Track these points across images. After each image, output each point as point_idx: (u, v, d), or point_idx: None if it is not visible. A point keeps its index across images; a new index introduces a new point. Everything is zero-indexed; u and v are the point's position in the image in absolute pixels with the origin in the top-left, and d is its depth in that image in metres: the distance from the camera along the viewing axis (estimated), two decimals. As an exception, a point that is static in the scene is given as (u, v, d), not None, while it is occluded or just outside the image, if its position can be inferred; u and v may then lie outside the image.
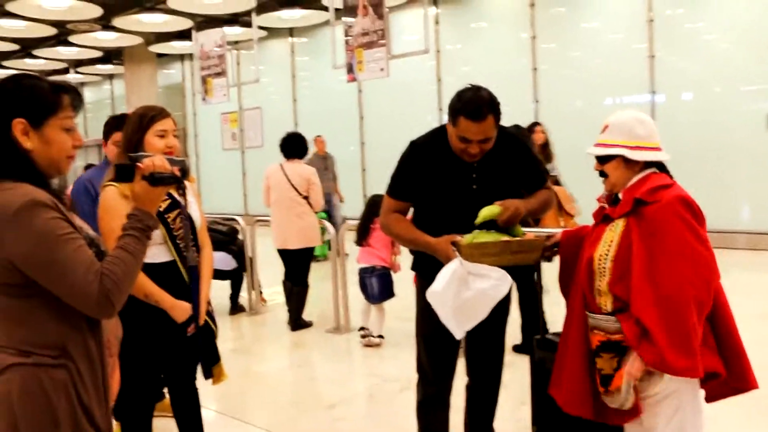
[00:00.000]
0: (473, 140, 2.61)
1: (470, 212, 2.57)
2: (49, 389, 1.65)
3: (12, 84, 1.72)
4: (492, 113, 2.59)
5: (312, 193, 5.91)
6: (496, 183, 2.76)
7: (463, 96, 2.62)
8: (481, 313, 2.49)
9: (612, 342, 2.16)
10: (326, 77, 12.99)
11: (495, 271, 2.39)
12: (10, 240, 1.59)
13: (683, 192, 2.16)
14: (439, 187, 2.75)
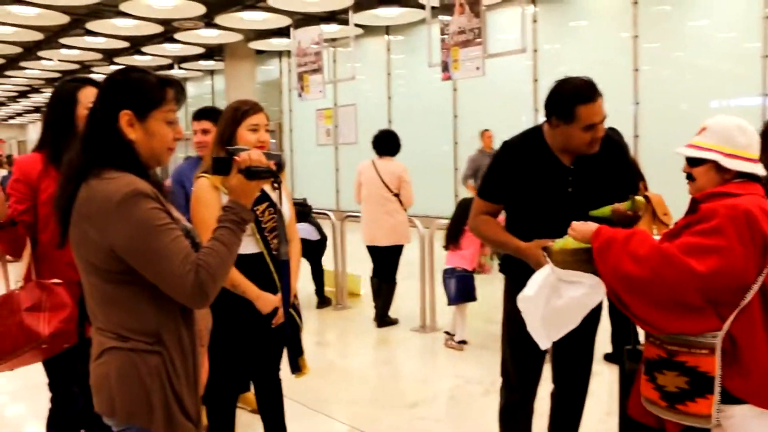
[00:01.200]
0: (597, 122, 2.53)
1: (564, 216, 2.50)
2: (143, 374, 1.71)
3: (121, 77, 1.80)
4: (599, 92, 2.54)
5: (403, 190, 5.91)
6: (593, 187, 2.67)
7: (566, 87, 2.55)
8: (572, 322, 2.40)
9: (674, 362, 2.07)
10: (421, 75, 12.99)
11: (588, 278, 2.29)
12: (112, 228, 1.65)
13: (754, 205, 1.98)
14: (532, 189, 2.68)
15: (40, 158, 2.63)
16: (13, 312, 2.40)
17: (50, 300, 2.42)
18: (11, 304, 2.42)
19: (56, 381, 2.76)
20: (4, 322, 2.40)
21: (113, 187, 1.66)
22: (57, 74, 19.20)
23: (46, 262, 2.57)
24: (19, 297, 2.44)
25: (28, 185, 2.59)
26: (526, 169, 2.67)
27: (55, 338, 2.38)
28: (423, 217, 6.27)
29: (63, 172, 1.79)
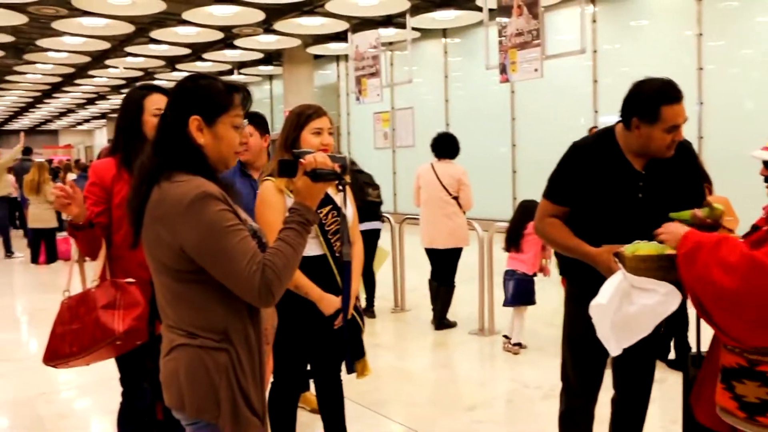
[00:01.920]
0: (680, 124, 2.48)
1: (633, 222, 2.46)
2: (211, 370, 1.77)
3: (191, 84, 1.87)
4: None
5: (462, 193, 5.90)
6: (664, 193, 2.60)
7: (649, 87, 2.49)
8: (644, 330, 2.34)
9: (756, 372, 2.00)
10: (478, 78, 12.95)
11: (662, 285, 2.22)
12: (182, 229, 1.71)
13: None
14: (602, 193, 2.61)
15: (114, 162, 2.74)
16: (89, 309, 2.51)
17: (124, 298, 2.52)
18: (88, 302, 2.53)
19: (127, 376, 2.86)
20: (82, 318, 2.51)
21: (183, 189, 1.73)
22: (122, 81, 19.82)
23: (119, 263, 2.68)
24: (95, 295, 2.54)
25: (103, 188, 2.69)
26: (596, 172, 2.62)
27: (128, 335, 2.47)
28: (481, 220, 6.25)
29: (135, 175, 1.86)
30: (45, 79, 19.33)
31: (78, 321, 2.52)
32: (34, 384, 4.91)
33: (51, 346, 2.56)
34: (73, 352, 2.51)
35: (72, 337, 2.52)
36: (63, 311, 2.59)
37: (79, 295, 2.60)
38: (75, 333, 2.51)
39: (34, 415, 4.34)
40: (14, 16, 10.97)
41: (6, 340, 6.35)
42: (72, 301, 2.59)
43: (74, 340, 2.51)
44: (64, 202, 2.50)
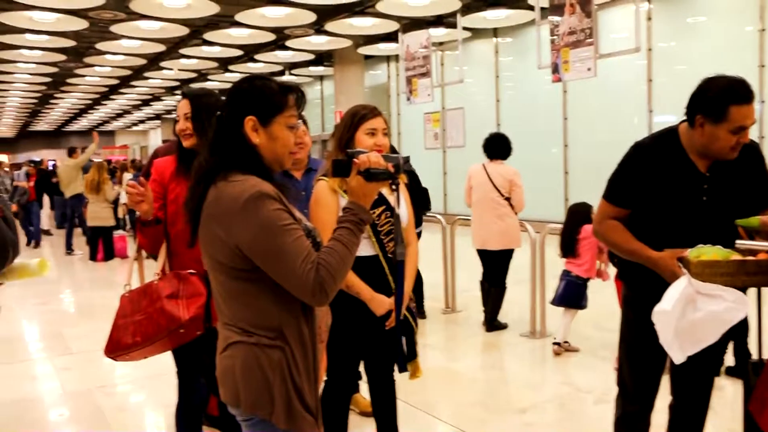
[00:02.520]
0: (747, 126, 2.40)
1: (697, 226, 2.39)
2: (266, 367, 1.79)
3: (246, 84, 1.89)
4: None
5: (514, 194, 5.85)
6: (729, 196, 2.52)
7: (718, 84, 2.40)
8: (710, 337, 2.28)
9: None
10: (530, 77, 12.82)
11: (730, 292, 2.16)
12: (238, 228, 1.74)
13: None
14: (665, 195, 2.54)
15: (173, 160, 2.83)
16: (153, 300, 2.60)
17: (186, 288, 2.60)
18: (151, 294, 2.62)
19: (184, 371, 2.92)
20: (146, 309, 2.60)
21: (239, 189, 1.75)
22: (176, 83, 20.24)
23: (176, 258, 2.76)
24: (158, 287, 2.63)
25: (161, 185, 2.79)
26: (659, 173, 2.53)
27: (192, 323, 2.55)
28: (533, 221, 6.19)
29: (193, 175, 1.90)
30: (103, 81, 19.87)
31: (140, 312, 2.61)
32: (94, 377, 5.06)
33: (113, 338, 2.66)
34: (137, 342, 2.59)
35: (135, 328, 2.60)
36: (124, 304, 2.68)
37: (140, 288, 2.69)
38: (138, 324, 2.60)
39: (94, 406, 4.47)
40: (76, 21, 11.31)
41: (67, 334, 6.54)
42: (133, 294, 2.68)
43: (137, 330, 2.60)
44: (138, 199, 2.59)
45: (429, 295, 6.72)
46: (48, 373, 5.27)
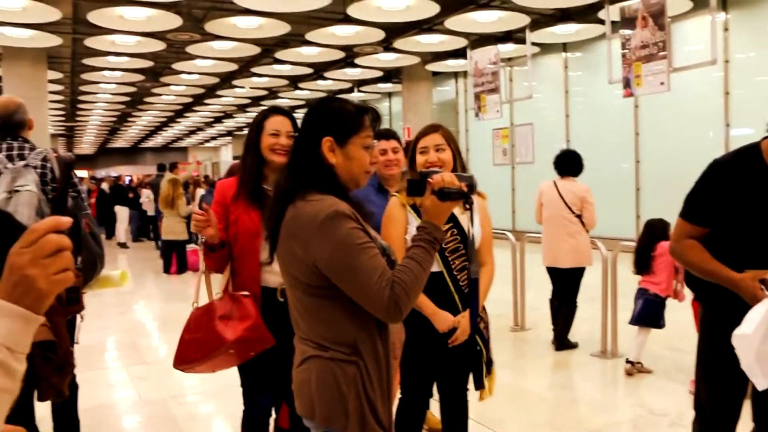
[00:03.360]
0: None
1: None
2: (341, 382, 1.83)
3: (323, 106, 1.95)
4: None
5: (586, 211, 5.76)
6: None
7: None
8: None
9: None
10: (600, 92, 12.62)
11: None
12: (315, 246, 1.78)
13: None
14: (746, 214, 2.44)
15: (235, 182, 2.87)
16: (210, 319, 2.69)
17: (238, 310, 2.67)
18: (210, 313, 2.71)
19: (247, 386, 2.96)
20: (205, 327, 2.69)
21: (317, 208, 1.80)
22: (248, 100, 20.75)
23: (237, 277, 2.82)
24: (216, 306, 2.72)
25: (224, 207, 2.84)
26: (740, 191, 2.45)
27: (239, 344, 2.62)
28: (604, 239, 6.07)
29: (272, 194, 1.96)
30: (178, 99, 20.54)
31: (201, 330, 2.70)
32: (167, 386, 5.20)
33: (180, 351, 2.76)
34: (197, 358, 2.69)
35: (196, 345, 2.70)
36: (190, 320, 2.77)
37: (204, 306, 2.77)
38: (198, 341, 2.69)
39: (168, 415, 4.60)
40: (154, 43, 11.75)
41: (141, 344, 6.76)
42: (198, 312, 2.77)
43: (198, 347, 2.69)
44: (204, 226, 2.66)
45: (497, 313, 6.65)
46: (125, 381, 5.44)
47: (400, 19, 10.36)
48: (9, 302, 0.94)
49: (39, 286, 0.95)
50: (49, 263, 0.95)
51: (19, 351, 0.95)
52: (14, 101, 3.47)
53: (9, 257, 0.96)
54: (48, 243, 0.95)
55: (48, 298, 0.96)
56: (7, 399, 0.94)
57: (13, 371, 0.94)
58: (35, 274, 0.94)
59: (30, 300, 0.95)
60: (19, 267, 0.95)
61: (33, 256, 0.95)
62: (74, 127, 28.99)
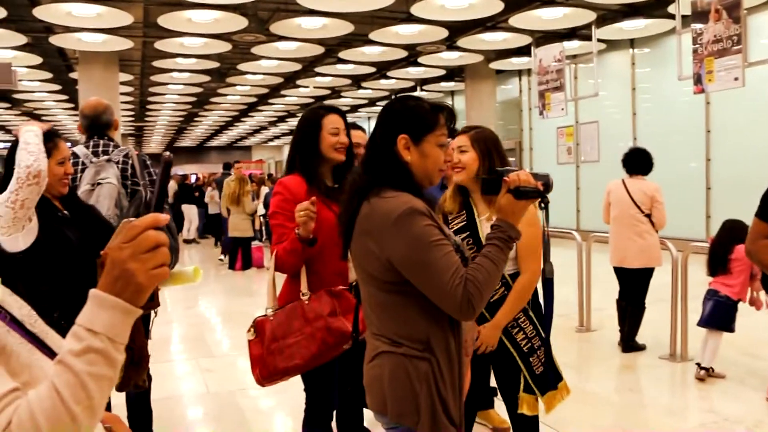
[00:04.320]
0: None
1: None
2: (413, 378, 1.84)
3: (399, 105, 1.98)
4: None
5: (655, 211, 5.63)
6: None
7: None
8: None
9: None
10: (669, 89, 12.29)
11: None
12: (390, 242, 1.81)
13: None
14: None
15: (302, 179, 2.83)
16: (308, 321, 2.62)
17: (342, 304, 2.64)
18: (306, 314, 2.64)
19: (311, 384, 2.93)
20: (300, 330, 2.63)
21: (392, 205, 1.82)
22: (311, 100, 20.96)
23: (314, 276, 2.77)
24: (313, 306, 2.66)
25: (295, 204, 2.74)
26: None
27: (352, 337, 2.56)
28: (672, 239, 5.91)
29: (346, 191, 1.98)
30: (242, 99, 20.91)
31: (294, 335, 2.63)
32: (233, 379, 5.33)
33: (268, 364, 2.65)
34: (297, 365, 2.62)
35: (292, 351, 2.61)
36: (273, 328, 2.67)
37: (286, 310, 2.70)
38: (294, 346, 2.61)
39: (235, 407, 4.71)
40: (220, 44, 12.00)
41: (208, 338, 6.92)
42: (280, 317, 2.68)
43: (295, 353, 2.61)
44: (311, 217, 2.62)
45: (562, 313, 6.56)
46: (193, 373, 5.58)
47: (464, 17, 10.30)
48: (110, 295, 0.99)
49: (138, 279, 0.99)
50: (148, 258, 1.00)
51: (120, 342, 1.00)
52: (102, 103, 3.66)
53: (110, 252, 1.01)
54: (147, 239, 1.00)
55: (146, 291, 1.01)
56: (108, 386, 0.99)
57: (114, 360, 0.99)
58: (135, 268, 0.99)
59: (130, 293, 1.00)
60: (121, 261, 0.99)
61: (133, 251, 1.00)
62: (143, 127, 29.85)
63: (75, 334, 0.98)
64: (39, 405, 0.92)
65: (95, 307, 0.99)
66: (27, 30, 11.17)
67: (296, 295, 2.74)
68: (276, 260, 2.74)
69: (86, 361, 0.96)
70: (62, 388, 0.93)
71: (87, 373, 0.95)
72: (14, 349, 1.04)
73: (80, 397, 0.94)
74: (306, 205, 2.62)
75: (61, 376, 0.95)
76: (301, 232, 2.65)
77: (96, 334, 0.97)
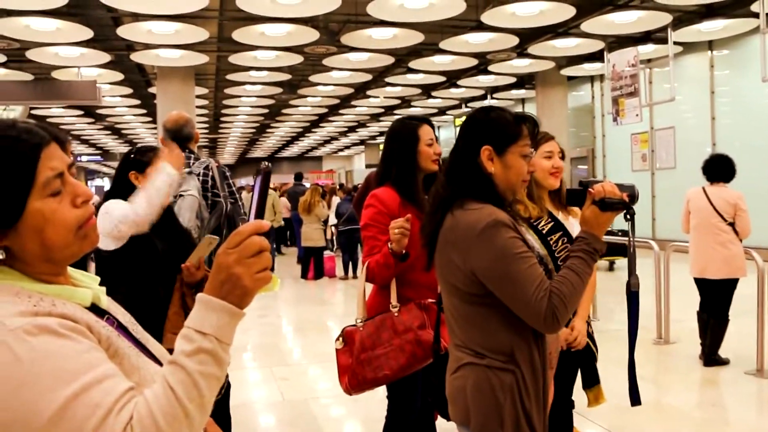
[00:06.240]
0: None
1: None
2: (497, 390, 1.83)
3: (482, 115, 1.97)
4: None
5: (739, 219, 5.43)
6: None
7: None
8: None
9: None
10: (751, 92, 11.85)
11: None
12: (474, 254, 1.81)
13: None
14: None
15: (394, 191, 2.85)
16: (397, 333, 2.66)
17: (431, 317, 2.65)
18: (395, 326, 2.67)
19: (396, 392, 2.96)
20: (389, 342, 2.66)
21: (476, 217, 1.82)
22: (381, 110, 21.10)
23: (407, 287, 2.78)
24: (403, 319, 2.68)
25: (390, 217, 2.76)
26: None
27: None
28: (758, 249, 5.67)
29: (430, 203, 2.00)
30: (313, 110, 21.23)
31: (383, 346, 2.66)
32: (307, 387, 5.41)
33: (357, 374, 2.68)
34: (386, 375, 2.65)
35: (380, 362, 2.65)
36: (363, 338, 2.70)
37: (375, 321, 2.73)
38: (384, 357, 2.65)
39: (309, 415, 4.77)
40: (292, 56, 12.24)
41: (282, 346, 7.03)
42: (370, 328, 2.71)
43: (384, 364, 2.64)
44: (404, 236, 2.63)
45: (639, 325, 6.38)
46: (268, 381, 5.68)
47: (535, 24, 10.19)
48: (217, 298, 1.04)
49: (244, 283, 1.05)
50: (253, 263, 1.05)
51: (227, 342, 1.05)
52: (183, 116, 3.79)
53: (217, 257, 1.06)
54: (252, 244, 1.05)
55: (251, 295, 1.07)
56: (216, 385, 1.04)
57: (222, 360, 1.05)
58: (241, 272, 1.04)
59: (235, 296, 1.05)
60: (227, 266, 1.05)
61: (239, 256, 1.05)
62: (217, 139, 30.67)
63: (186, 336, 1.03)
64: (156, 402, 0.97)
65: (204, 310, 1.04)
66: (110, 48, 11.68)
67: (385, 306, 2.76)
68: (367, 272, 2.77)
69: (197, 361, 1.01)
70: (176, 386, 0.99)
71: (198, 372, 1.01)
72: (125, 351, 1.11)
73: (193, 395, 0.99)
74: (401, 222, 2.64)
75: (175, 374, 1.00)
76: (394, 248, 2.67)
77: (205, 335, 1.02)
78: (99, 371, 0.97)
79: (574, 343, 2.82)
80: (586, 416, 4.06)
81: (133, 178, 2.95)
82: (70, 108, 18.19)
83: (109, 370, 0.99)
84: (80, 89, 11.58)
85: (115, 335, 1.11)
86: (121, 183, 2.96)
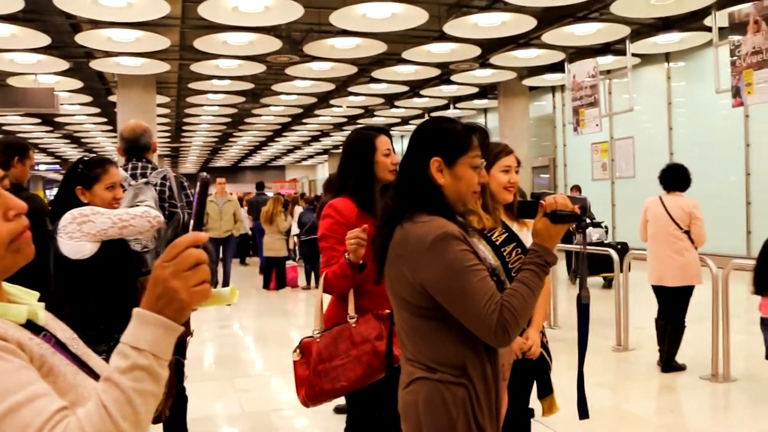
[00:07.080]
0: None
1: None
2: (449, 404, 1.81)
3: (431, 126, 1.95)
4: None
5: (694, 227, 5.52)
6: None
7: None
8: None
9: None
10: (706, 103, 12.12)
11: None
12: (424, 267, 1.78)
13: None
14: None
15: (351, 201, 2.82)
16: (354, 344, 2.63)
17: (388, 328, 2.62)
18: (353, 337, 2.65)
19: (354, 406, 2.92)
20: (346, 353, 2.62)
21: (425, 229, 1.79)
22: (344, 119, 21.09)
23: (368, 297, 2.75)
24: (360, 330, 2.66)
25: (348, 227, 2.74)
26: None
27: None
28: (712, 256, 5.78)
29: (379, 215, 1.97)
30: (276, 119, 21.13)
31: (341, 357, 2.63)
32: (267, 399, 5.35)
33: (314, 385, 2.65)
34: (343, 386, 2.62)
35: (337, 373, 2.62)
36: (320, 350, 2.67)
37: (333, 332, 2.69)
38: (341, 368, 2.62)
39: (271, 427, 4.71)
40: (255, 66, 12.17)
41: (243, 358, 6.94)
42: (327, 339, 2.68)
43: (341, 375, 2.61)
44: (362, 245, 2.61)
45: (599, 332, 6.47)
46: (228, 393, 5.60)
47: (497, 35, 10.28)
48: (153, 312, 1.01)
49: (180, 297, 1.02)
50: (190, 276, 1.02)
51: (164, 358, 1.02)
52: (141, 126, 3.73)
53: (153, 270, 1.03)
54: (189, 257, 1.02)
55: (188, 308, 1.03)
56: (153, 402, 1.01)
57: (159, 376, 1.01)
58: (177, 285, 1.01)
59: (172, 310, 1.02)
60: (163, 279, 1.02)
61: (175, 269, 1.02)
62: (179, 148, 30.32)
63: (120, 352, 1.00)
64: (88, 421, 0.94)
65: (139, 325, 1.01)
66: (69, 56, 11.47)
67: (342, 317, 2.73)
68: (325, 283, 2.74)
69: (132, 378, 0.98)
70: (110, 404, 0.95)
71: (133, 389, 0.97)
72: (61, 369, 1.06)
73: (127, 413, 0.96)
74: (357, 232, 2.62)
75: (109, 392, 0.97)
76: (351, 258, 2.65)
77: (141, 351, 0.99)
78: (29, 390, 0.94)
79: (528, 353, 2.83)
80: (545, 424, 4.08)
81: (80, 193, 2.87)
82: (27, 116, 17.83)
83: (40, 390, 0.96)
84: (37, 96, 11.33)
85: (51, 352, 1.07)
86: (65, 197, 2.87)
